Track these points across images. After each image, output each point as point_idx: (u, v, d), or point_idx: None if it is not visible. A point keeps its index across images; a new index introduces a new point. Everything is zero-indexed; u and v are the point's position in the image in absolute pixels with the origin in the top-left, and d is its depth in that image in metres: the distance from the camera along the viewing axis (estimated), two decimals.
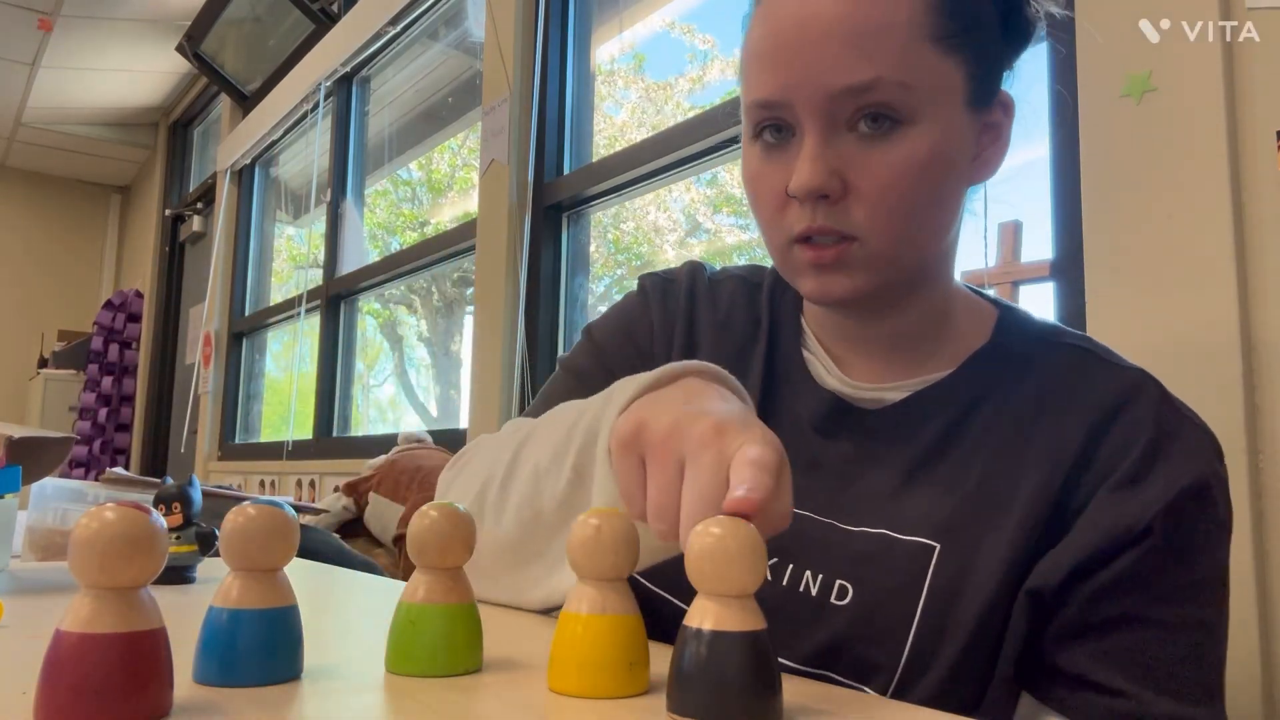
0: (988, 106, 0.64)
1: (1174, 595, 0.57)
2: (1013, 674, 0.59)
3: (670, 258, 2.60)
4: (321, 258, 3.58)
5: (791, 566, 0.63)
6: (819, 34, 0.58)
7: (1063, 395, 0.63)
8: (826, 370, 0.69)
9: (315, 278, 3.61)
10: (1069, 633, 0.57)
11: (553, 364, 2.07)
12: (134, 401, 5.55)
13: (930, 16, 0.59)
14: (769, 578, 0.62)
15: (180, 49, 4.33)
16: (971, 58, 0.61)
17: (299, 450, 3.46)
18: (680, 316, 0.76)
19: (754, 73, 0.62)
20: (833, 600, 0.62)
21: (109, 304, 5.62)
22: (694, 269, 0.79)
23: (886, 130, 0.59)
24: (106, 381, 5.50)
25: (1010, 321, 0.68)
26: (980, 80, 0.62)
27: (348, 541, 1.82)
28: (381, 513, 2.09)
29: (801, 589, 0.63)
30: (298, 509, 2.00)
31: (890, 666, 0.59)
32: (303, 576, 0.94)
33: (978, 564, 0.59)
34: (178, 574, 0.83)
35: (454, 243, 2.69)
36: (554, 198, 2.29)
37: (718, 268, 0.80)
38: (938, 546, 0.60)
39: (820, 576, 0.62)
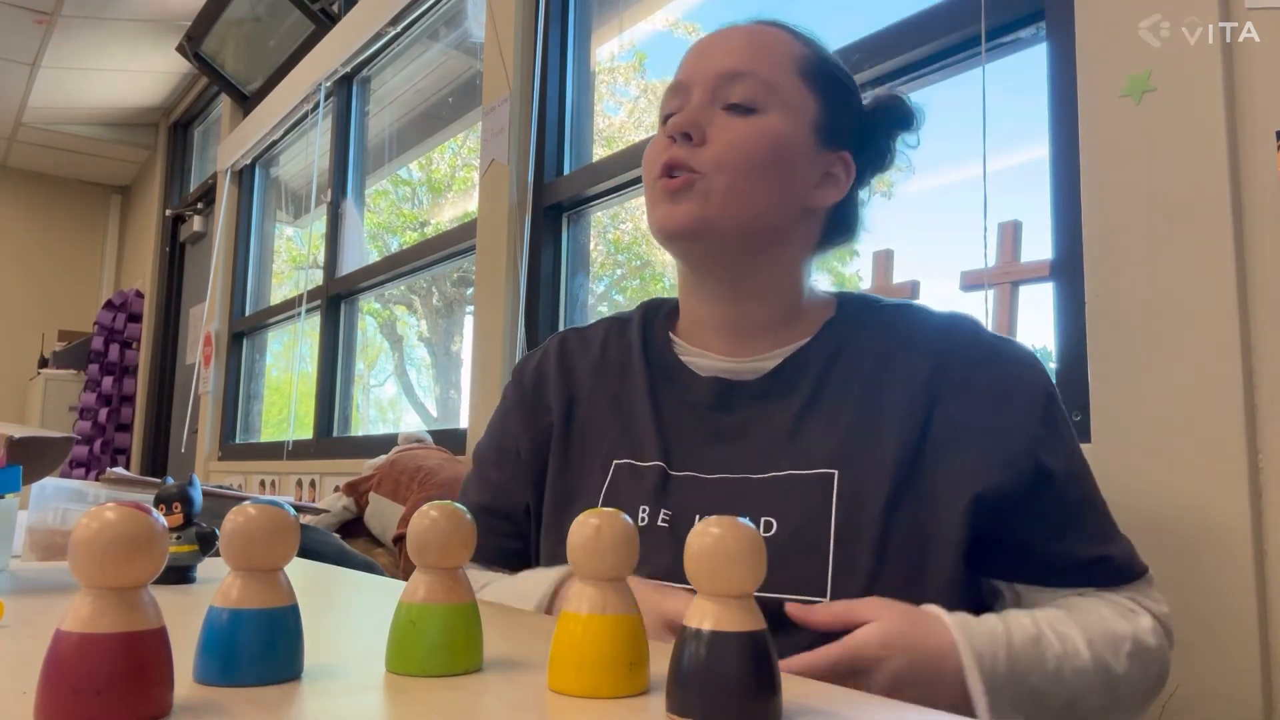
0: (830, 150, 0.82)
1: (1082, 478, 0.78)
2: (947, 577, 0.72)
3: (667, 258, 2.60)
4: (321, 258, 3.58)
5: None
6: (724, 42, 0.82)
7: (902, 337, 0.80)
8: (706, 360, 0.84)
9: (315, 278, 3.61)
10: (1050, 535, 0.75)
11: None
12: (134, 401, 5.54)
13: (801, 64, 0.82)
14: None
15: (180, 49, 4.32)
16: (825, 103, 0.82)
17: (299, 450, 3.46)
18: (552, 377, 0.90)
19: (677, 72, 0.84)
20: (760, 534, 0.69)
21: (109, 304, 5.62)
22: (561, 334, 0.95)
23: (744, 113, 0.79)
24: (107, 381, 5.49)
25: (848, 299, 0.87)
26: (828, 123, 0.82)
27: (348, 541, 1.82)
28: (381, 513, 2.09)
29: None
30: (298, 509, 2.00)
31: (820, 575, 0.71)
32: (303, 576, 0.94)
33: (869, 479, 0.74)
34: (178, 574, 0.83)
35: (454, 243, 2.69)
36: (554, 198, 2.29)
37: (589, 324, 0.97)
38: (836, 472, 0.74)
39: (746, 518, 0.73)
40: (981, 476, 0.73)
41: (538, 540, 0.87)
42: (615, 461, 0.83)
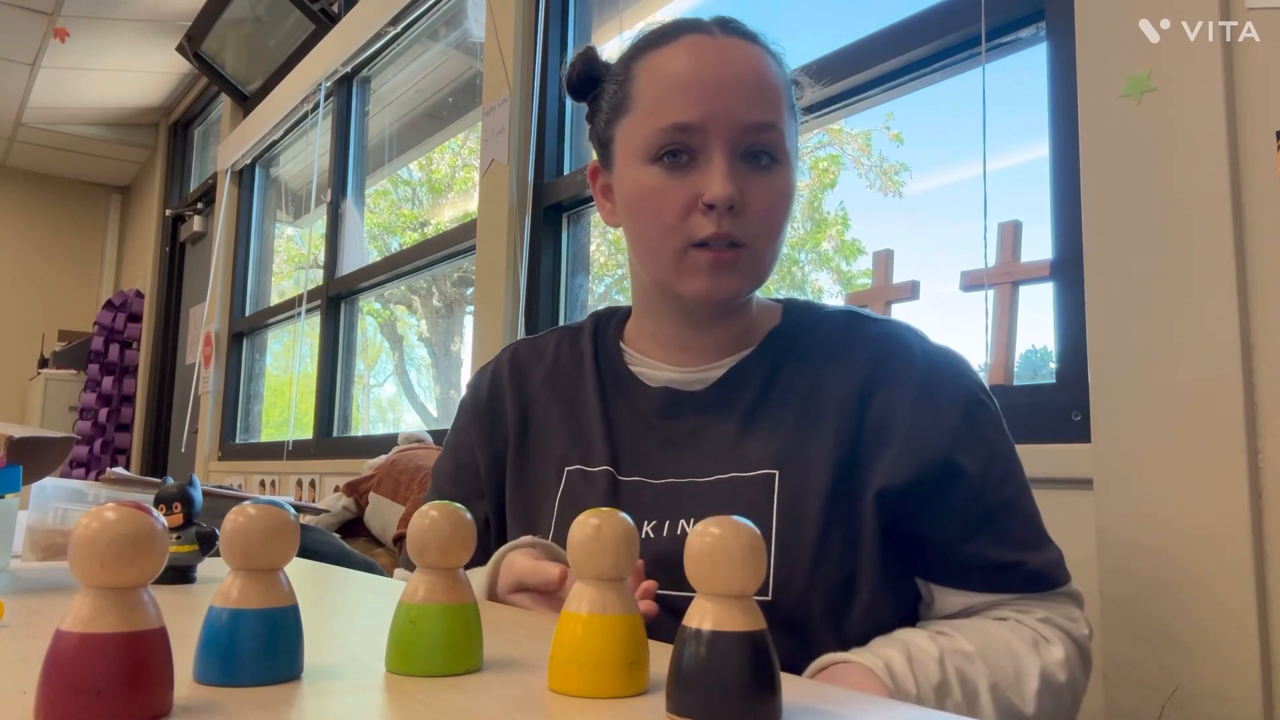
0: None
1: (1004, 482, 0.77)
2: (877, 570, 0.74)
3: None
4: (321, 258, 3.58)
5: (668, 522, 0.78)
6: (736, 80, 0.77)
7: (843, 345, 0.82)
8: (655, 370, 0.86)
9: (315, 278, 3.61)
10: (960, 536, 0.75)
11: None
12: (134, 401, 5.55)
13: (786, 95, 0.80)
14: (653, 536, 0.78)
15: (180, 49, 4.32)
16: (796, 128, 0.83)
17: (299, 450, 3.46)
18: (506, 390, 0.92)
19: (671, 101, 0.77)
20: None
21: (109, 304, 5.62)
22: (513, 346, 0.97)
23: (767, 165, 0.78)
24: (107, 381, 5.49)
25: (792, 306, 0.88)
26: (794, 152, 0.82)
27: (348, 541, 1.82)
28: (381, 513, 2.09)
29: (679, 534, 0.78)
30: (298, 509, 2.00)
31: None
32: (303, 576, 0.94)
33: (808, 480, 0.75)
34: (178, 574, 0.83)
35: (454, 243, 2.69)
36: (554, 198, 2.29)
37: (541, 333, 0.98)
38: (777, 473, 0.76)
39: (692, 521, 0.77)
40: (890, 473, 0.75)
41: None
42: (567, 468, 0.85)
